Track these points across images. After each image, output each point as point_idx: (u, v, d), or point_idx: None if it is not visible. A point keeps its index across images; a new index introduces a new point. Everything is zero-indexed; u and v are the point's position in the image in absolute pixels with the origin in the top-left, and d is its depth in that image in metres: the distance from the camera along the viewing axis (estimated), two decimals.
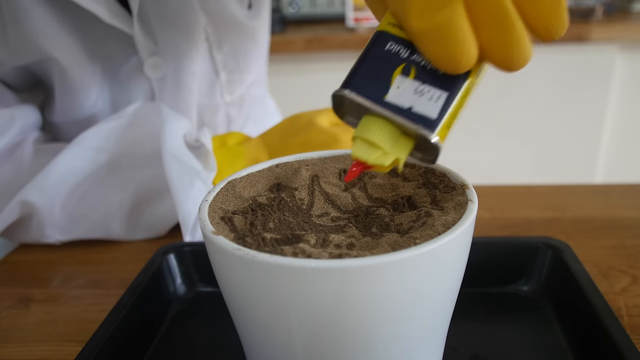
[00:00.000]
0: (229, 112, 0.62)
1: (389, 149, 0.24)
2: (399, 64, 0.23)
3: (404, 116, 0.23)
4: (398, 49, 0.23)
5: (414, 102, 0.23)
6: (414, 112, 0.23)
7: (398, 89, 0.23)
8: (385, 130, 0.23)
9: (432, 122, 0.22)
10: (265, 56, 0.68)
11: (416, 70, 0.23)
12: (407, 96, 0.23)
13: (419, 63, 0.23)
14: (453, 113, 0.23)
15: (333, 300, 0.22)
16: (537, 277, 0.37)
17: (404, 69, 0.23)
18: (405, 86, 0.23)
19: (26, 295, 0.42)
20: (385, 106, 0.23)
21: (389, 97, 0.23)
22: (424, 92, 0.23)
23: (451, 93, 0.23)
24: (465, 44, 0.21)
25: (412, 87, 0.23)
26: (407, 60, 0.23)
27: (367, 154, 0.24)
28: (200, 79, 0.56)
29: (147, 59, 0.52)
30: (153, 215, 0.49)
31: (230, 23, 0.55)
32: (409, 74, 0.23)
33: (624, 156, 1.52)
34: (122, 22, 0.49)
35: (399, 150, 0.24)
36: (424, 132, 0.22)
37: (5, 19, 0.46)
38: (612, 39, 1.35)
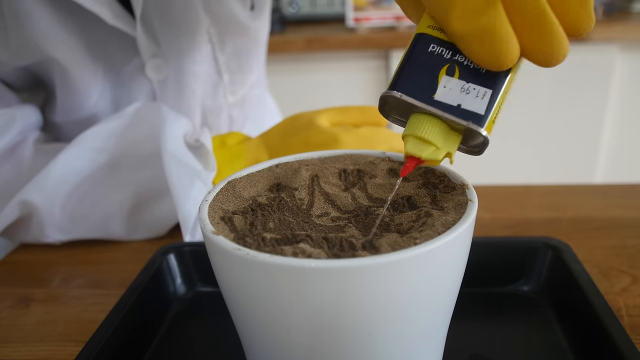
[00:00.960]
0: (231, 112, 0.62)
1: (441, 144, 0.25)
2: (443, 64, 0.25)
3: (454, 113, 0.24)
4: (441, 51, 0.25)
5: (461, 99, 0.24)
6: (463, 109, 0.24)
7: (445, 88, 0.24)
8: (435, 127, 0.25)
9: (480, 117, 0.24)
10: (264, 56, 0.68)
11: (460, 70, 0.24)
12: (454, 94, 0.24)
13: (462, 63, 0.24)
14: (498, 108, 0.24)
15: (333, 300, 0.22)
16: (537, 277, 0.37)
17: (448, 69, 0.25)
18: (452, 85, 0.24)
19: (26, 295, 0.42)
20: (435, 105, 0.24)
21: (437, 96, 0.24)
22: (469, 90, 0.24)
23: (495, 90, 0.24)
24: (508, 45, 0.22)
25: (458, 86, 0.24)
26: (451, 61, 0.25)
27: (420, 150, 0.25)
28: (204, 81, 0.57)
29: (149, 60, 0.52)
30: (153, 215, 0.49)
31: (233, 24, 0.55)
32: (453, 74, 0.24)
33: (624, 156, 1.52)
34: (125, 23, 0.49)
35: (450, 145, 0.25)
36: (475, 127, 0.24)
37: (6, 19, 0.46)
38: (612, 39, 1.34)
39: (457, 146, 0.26)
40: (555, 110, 1.46)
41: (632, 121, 1.48)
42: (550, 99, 1.45)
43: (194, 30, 0.52)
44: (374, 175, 0.32)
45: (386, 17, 1.47)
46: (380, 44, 1.42)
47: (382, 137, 0.49)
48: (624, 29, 1.35)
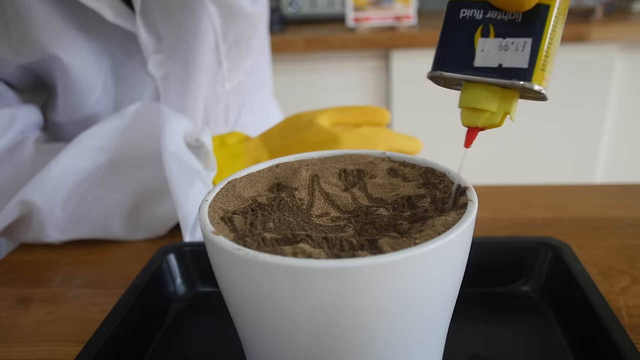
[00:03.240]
0: (227, 100, 0.62)
1: (495, 108, 0.24)
2: (476, 27, 0.24)
3: (497, 75, 0.23)
4: (472, 13, 0.24)
5: (501, 58, 0.23)
6: (505, 67, 0.23)
7: (482, 51, 0.24)
8: (484, 93, 0.24)
9: (524, 71, 0.23)
10: (264, 44, 0.67)
11: (494, 27, 0.24)
12: (493, 55, 0.24)
13: (495, 19, 0.24)
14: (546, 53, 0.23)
15: (333, 300, 0.22)
16: (537, 277, 0.37)
17: (483, 31, 0.24)
18: (489, 46, 0.24)
19: (26, 295, 0.42)
20: (476, 73, 0.24)
21: (477, 62, 0.24)
22: (508, 45, 0.23)
23: (535, 36, 0.23)
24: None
25: (495, 45, 0.23)
26: (483, 21, 0.24)
27: (475, 119, 0.25)
28: (207, 72, 0.56)
29: (151, 56, 0.52)
30: (153, 215, 0.49)
31: (236, 12, 0.55)
32: (488, 34, 0.24)
33: (624, 156, 1.52)
34: (126, 20, 0.49)
35: (505, 105, 0.24)
36: (520, 85, 0.23)
37: (8, 17, 0.46)
38: (612, 39, 1.34)
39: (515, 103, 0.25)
40: (555, 110, 1.46)
41: (632, 121, 1.48)
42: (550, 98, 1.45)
43: (197, 20, 0.52)
44: (374, 175, 0.32)
45: (386, 17, 1.47)
46: (380, 44, 1.42)
47: (382, 137, 0.49)
48: (624, 29, 1.35)
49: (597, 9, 1.39)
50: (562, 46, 1.44)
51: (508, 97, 0.24)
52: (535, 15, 0.23)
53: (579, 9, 1.42)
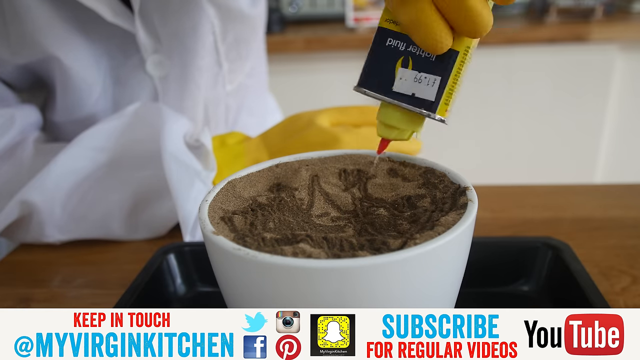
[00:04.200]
0: (228, 102, 0.62)
1: (404, 127, 0.29)
2: (398, 57, 0.28)
3: (409, 102, 0.28)
4: (396, 44, 0.28)
5: (415, 89, 0.27)
6: (417, 97, 0.27)
7: (401, 79, 0.28)
8: (398, 114, 0.28)
9: (432, 103, 0.27)
10: (262, 45, 0.68)
11: (413, 60, 0.27)
12: (409, 84, 0.28)
13: (414, 53, 0.27)
14: (449, 91, 0.27)
15: (333, 300, 0.22)
16: (537, 277, 0.37)
17: (403, 61, 0.28)
18: (407, 76, 0.28)
19: (26, 295, 0.42)
20: (393, 96, 0.28)
21: (395, 88, 0.28)
22: (421, 79, 0.27)
23: (444, 76, 0.27)
24: (437, 31, 0.26)
25: (412, 76, 0.27)
26: (405, 53, 0.28)
27: (388, 133, 0.29)
28: (206, 73, 0.56)
29: (149, 57, 0.52)
30: (153, 215, 0.49)
31: (235, 13, 0.55)
32: (408, 65, 0.28)
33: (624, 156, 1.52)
34: (124, 20, 0.49)
35: (413, 126, 0.29)
36: (426, 114, 0.27)
37: (6, 16, 0.46)
38: (612, 39, 1.34)
39: (422, 125, 0.29)
40: (555, 110, 1.46)
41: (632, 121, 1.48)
42: (550, 98, 1.45)
43: (195, 22, 0.52)
44: (374, 175, 0.32)
45: None
46: None
47: None
48: (624, 29, 1.35)
49: (597, 9, 1.39)
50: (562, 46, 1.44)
51: (416, 120, 0.29)
52: (446, 57, 0.27)
53: (579, 9, 1.42)
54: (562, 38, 1.34)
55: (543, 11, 1.43)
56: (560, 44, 1.36)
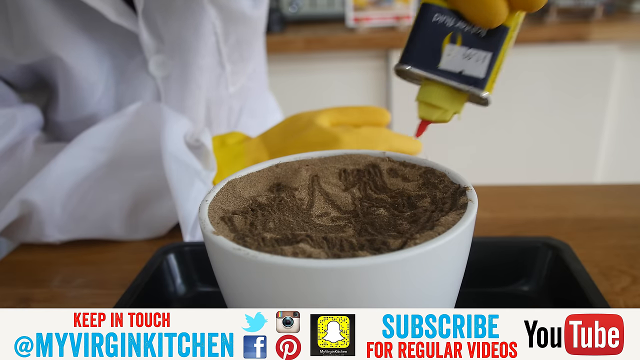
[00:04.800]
0: (231, 103, 0.62)
1: (448, 106, 0.28)
2: (446, 33, 0.27)
3: (457, 80, 0.27)
4: (444, 20, 0.27)
5: (463, 65, 0.27)
6: (465, 74, 0.27)
7: (449, 56, 0.27)
8: (442, 93, 0.28)
9: (481, 81, 0.27)
10: (262, 46, 0.68)
11: (462, 37, 0.27)
12: (457, 61, 0.27)
13: (463, 29, 0.27)
14: (497, 68, 0.27)
15: (333, 300, 0.22)
16: (537, 277, 0.37)
17: (452, 37, 0.27)
18: (455, 53, 0.27)
19: (26, 295, 0.42)
20: (440, 74, 0.27)
21: (442, 65, 0.27)
22: (471, 55, 0.27)
23: (494, 53, 0.26)
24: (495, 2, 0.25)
25: (460, 52, 0.27)
26: (453, 29, 0.27)
27: (430, 113, 0.29)
28: (208, 74, 0.56)
29: (152, 56, 0.52)
30: (153, 215, 0.49)
31: (236, 15, 0.55)
32: (456, 41, 0.27)
33: (624, 156, 1.52)
34: (128, 20, 0.49)
35: (456, 106, 0.28)
36: (475, 91, 0.27)
37: (10, 16, 0.46)
38: (612, 39, 1.34)
39: (463, 105, 0.28)
40: (555, 110, 1.46)
41: (632, 121, 1.48)
42: (550, 98, 1.45)
43: (197, 22, 0.52)
44: (374, 175, 0.32)
45: (386, 17, 1.47)
46: (380, 44, 1.42)
47: (382, 137, 0.49)
48: (624, 29, 1.35)
49: (597, 9, 1.39)
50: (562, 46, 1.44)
51: (460, 99, 0.28)
52: (496, 33, 0.26)
53: (579, 9, 1.42)
54: (562, 38, 1.34)
55: (543, 11, 1.43)
56: (560, 44, 1.36)
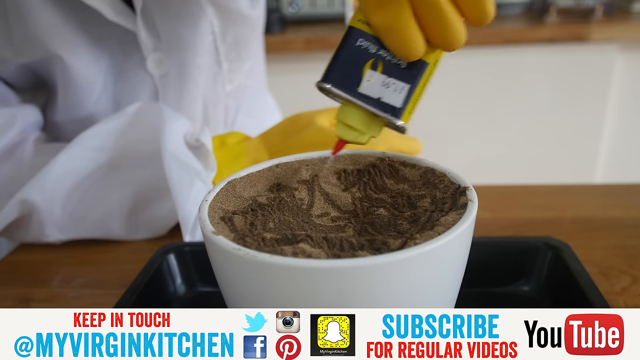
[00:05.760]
0: (227, 102, 0.62)
1: (364, 130, 0.29)
2: (368, 59, 0.27)
3: (374, 106, 0.27)
4: (367, 45, 0.27)
5: (382, 93, 0.27)
6: (382, 102, 0.27)
7: (368, 82, 0.27)
8: (360, 116, 0.28)
9: (397, 110, 0.27)
10: (261, 46, 0.68)
11: (383, 64, 0.27)
12: (376, 88, 0.27)
13: (384, 58, 0.27)
14: (414, 100, 0.27)
15: (333, 300, 0.22)
16: (537, 277, 0.37)
17: (373, 64, 0.27)
18: (375, 79, 0.27)
19: (26, 295, 0.42)
20: (358, 97, 0.28)
21: (361, 89, 0.27)
22: (389, 84, 0.27)
23: (412, 85, 0.27)
24: (412, 38, 0.26)
25: (380, 80, 0.27)
26: (375, 56, 0.27)
27: (347, 134, 0.29)
28: (206, 72, 0.56)
29: (150, 55, 0.52)
30: (153, 215, 0.49)
31: (234, 14, 0.55)
32: (377, 68, 0.27)
33: (624, 156, 1.52)
34: (126, 19, 0.49)
35: (373, 130, 0.29)
36: (391, 119, 0.27)
37: (9, 15, 0.46)
38: (612, 39, 1.34)
39: (381, 130, 0.29)
40: (555, 110, 1.46)
41: (632, 121, 1.48)
42: (550, 98, 1.45)
43: (195, 20, 0.52)
44: (375, 175, 0.32)
45: None
46: None
47: (382, 138, 0.49)
48: (624, 29, 1.35)
49: (597, 9, 1.39)
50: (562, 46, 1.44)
51: (377, 124, 0.29)
52: (416, 67, 0.27)
53: (579, 9, 1.42)
54: (562, 38, 1.34)
55: (543, 11, 1.43)
56: (560, 44, 1.36)
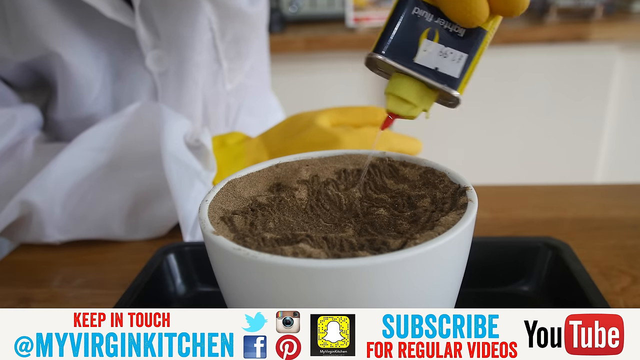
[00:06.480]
0: (228, 101, 0.62)
1: (417, 102, 0.27)
2: (424, 28, 0.26)
3: (432, 77, 0.26)
4: (423, 14, 0.26)
5: (439, 63, 0.26)
6: (439, 72, 0.26)
7: (425, 51, 0.26)
8: (413, 87, 0.27)
9: (455, 80, 0.26)
10: (263, 45, 0.67)
11: (440, 34, 0.26)
12: (433, 58, 0.26)
13: (442, 27, 0.26)
14: (471, 70, 0.26)
15: (333, 300, 0.22)
16: (537, 277, 0.37)
17: (429, 33, 0.26)
18: (431, 49, 0.26)
19: (26, 295, 0.42)
20: (415, 68, 0.26)
21: (417, 59, 0.26)
22: (447, 54, 0.26)
23: (470, 54, 0.26)
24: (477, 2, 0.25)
25: (436, 49, 0.26)
26: (432, 24, 0.26)
27: (399, 107, 0.28)
28: (205, 70, 0.56)
29: (149, 52, 0.52)
30: (153, 215, 0.49)
31: (233, 11, 0.55)
32: (433, 38, 0.26)
33: (624, 156, 1.52)
34: (124, 16, 0.49)
35: (426, 103, 0.28)
36: (449, 90, 0.26)
37: (6, 13, 0.46)
38: (612, 39, 1.34)
39: (433, 103, 0.28)
40: (555, 110, 1.46)
41: (632, 121, 1.48)
42: (550, 98, 1.45)
43: (193, 18, 0.52)
44: (375, 175, 0.32)
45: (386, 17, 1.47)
46: None
47: (382, 138, 0.49)
48: (624, 29, 1.35)
49: (597, 9, 1.39)
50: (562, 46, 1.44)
51: (430, 97, 0.28)
52: (474, 35, 0.26)
53: (579, 9, 1.42)
54: (562, 38, 1.34)
55: (543, 11, 1.43)
56: (560, 44, 1.36)
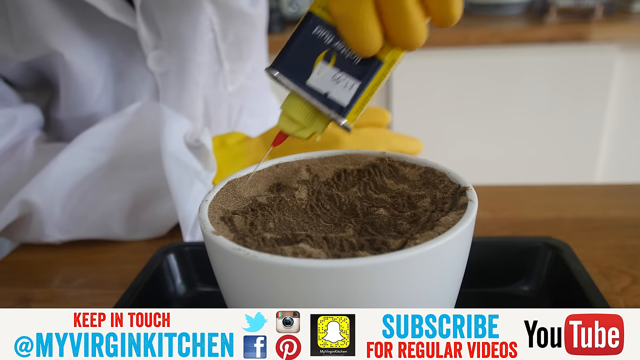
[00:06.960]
0: (230, 102, 0.62)
1: (307, 125, 0.27)
2: (322, 50, 0.26)
3: (321, 101, 0.26)
4: (323, 34, 0.26)
5: (330, 88, 0.26)
6: (329, 97, 0.26)
7: (318, 74, 0.26)
8: (304, 109, 0.27)
9: (343, 108, 0.26)
10: (264, 46, 0.67)
11: (336, 58, 0.26)
12: (325, 82, 0.26)
13: (339, 51, 0.26)
14: (363, 100, 0.26)
15: (333, 300, 0.22)
16: (537, 277, 0.37)
17: (326, 55, 0.26)
18: (325, 72, 0.26)
19: (26, 295, 0.42)
20: (305, 90, 0.26)
21: (310, 82, 0.26)
22: (340, 79, 0.26)
23: (363, 83, 0.26)
24: (369, 32, 0.24)
25: (330, 74, 0.26)
26: (330, 47, 0.26)
27: (288, 126, 0.28)
28: (206, 71, 0.56)
29: (150, 52, 0.52)
30: (153, 215, 0.49)
31: (235, 12, 0.55)
32: (329, 61, 0.26)
33: (624, 156, 1.52)
34: (125, 16, 0.49)
35: (316, 126, 0.27)
36: (336, 118, 0.26)
37: (8, 12, 0.46)
38: (612, 39, 1.34)
39: (325, 127, 0.27)
40: (555, 110, 1.46)
41: (632, 121, 1.48)
42: (550, 98, 1.45)
43: (194, 18, 0.52)
44: (375, 175, 0.32)
45: None
46: None
47: (382, 138, 0.49)
48: (624, 29, 1.35)
49: (597, 9, 1.39)
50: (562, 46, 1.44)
51: (321, 121, 0.27)
52: (370, 64, 0.25)
53: (579, 9, 1.42)
54: (562, 38, 1.34)
55: (543, 11, 1.43)
56: (560, 44, 1.36)
